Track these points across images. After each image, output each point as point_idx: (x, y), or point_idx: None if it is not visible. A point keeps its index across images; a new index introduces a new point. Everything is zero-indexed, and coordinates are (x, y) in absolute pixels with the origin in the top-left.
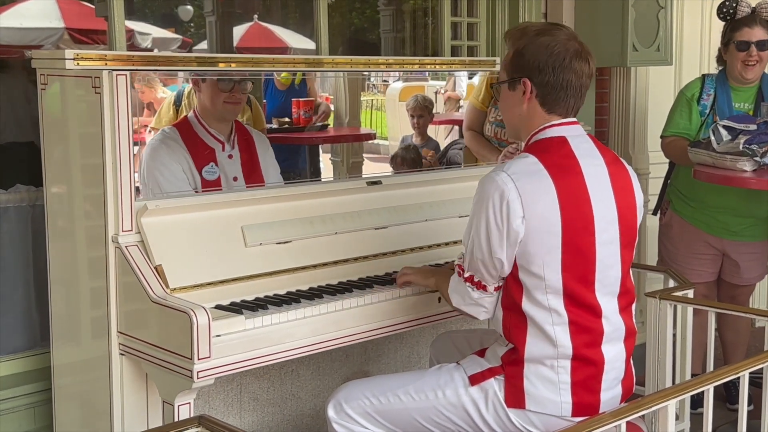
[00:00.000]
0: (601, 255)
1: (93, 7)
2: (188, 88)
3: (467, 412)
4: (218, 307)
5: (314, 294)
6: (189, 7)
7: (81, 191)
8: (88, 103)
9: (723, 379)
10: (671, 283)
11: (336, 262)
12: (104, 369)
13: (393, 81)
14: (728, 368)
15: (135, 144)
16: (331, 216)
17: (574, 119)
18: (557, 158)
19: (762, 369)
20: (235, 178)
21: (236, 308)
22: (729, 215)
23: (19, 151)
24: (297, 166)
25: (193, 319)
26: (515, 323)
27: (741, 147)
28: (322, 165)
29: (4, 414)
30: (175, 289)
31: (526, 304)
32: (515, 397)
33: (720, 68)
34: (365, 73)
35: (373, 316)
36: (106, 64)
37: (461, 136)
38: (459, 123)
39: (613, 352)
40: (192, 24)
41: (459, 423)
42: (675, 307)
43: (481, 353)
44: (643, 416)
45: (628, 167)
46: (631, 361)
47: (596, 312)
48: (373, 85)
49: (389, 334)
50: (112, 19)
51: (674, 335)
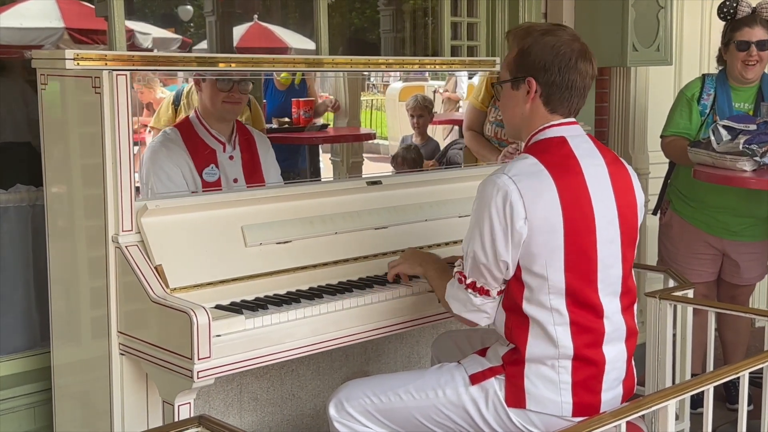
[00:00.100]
0: (602, 254)
1: (93, 7)
2: (187, 88)
3: (467, 411)
4: (218, 307)
5: (314, 294)
6: (189, 7)
7: (81, 191)
8: (88, 103)
9: (723, 379)
10: (671, 283)
11: (336, 262)
12: (104, 369)
13: (393, 81)
14: (728, 368)
15: (135, 144)
16: (331, 216)
17: (573, 119)
18: (557, 158)
19: (762, 369)
20: (235, 180)
21: (236, 308)
22: (729, 215)
23: (18, 151)
24: (297, 166)
25: (193, 319)
26: (517, 324)
27: (741, 147)
28: (322, 165)
29: (4, 414)
30: (175, 289)
31: (527, 305)
32: (516, 396)
33: (720, 68)
34: (365, 73)
35: (373, 316)
36: (106, 64)
37: (461, 136)
38: (459, 123)
39: (614, 353)
40: (192, 24)
41: (459, 422)
42: (675, 307)
43: (482, 353)
44: (643, 416)
45: (629, 167)
46: (633, 362)
47: (598, 312)
48: (373, 85)
49: (389, 334)
50: (112, 19)
51: (674, 335)
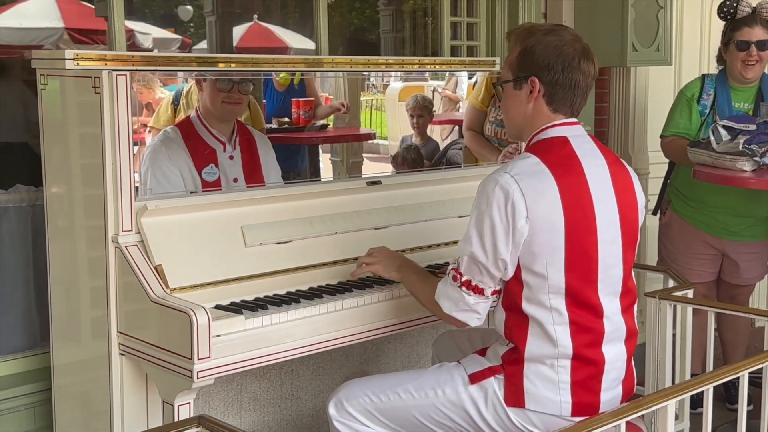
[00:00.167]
0: (603, 254)
1: (93, 7)
2: (187, 88)
3: (466, 410)
4: (218, 307)
5: (314, 294)
6: (189, 7)
7: (81, 191)
8: (87, 103)
9: (722, 379)
10: (671, 283)
11: (336, 262)
12: (104, 369)
13: (393, 81)
14: (728, 368)
15: (134, 144)
16: (330, 216)
17: (575, 120)
18: (559, 158)
19: (761, 369)
20: (235, 180)
21: (236, 308)
22: (728, 215)
23: (18, 151)
24: (297, 166)
25: (192, 319)
26: (516, 323)
27: (740, 147)
28: (321, 165)
29: (4, 414)
30: (175, 289)
31: (527, 305)
32: (515, 396)
33: (720, 68)
34: (365, 73)
35: (373, 316)
36: (105, 64)
37: (461, 136)
38: (459, 123)
39: (613, 353)
40: (192, 24)
41: (458, 421)
42: (675, 307)
43: (482, 352)
44: (642, 416)
45: (629, 168)
46: (632, 362)
47: (597, 312)
48: (373, 85)
49: (389, 334)
50: (111, 19)
51: (674, 335)
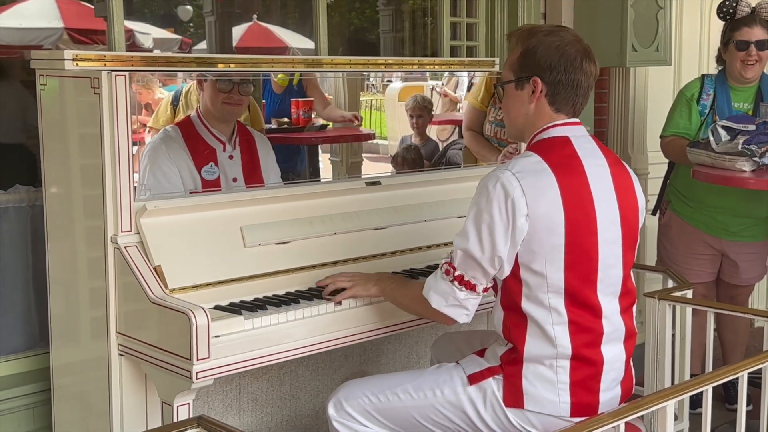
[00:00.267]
0: (603, 254)
1: (92, 7)
2: (186, 88)
3: (465, 411)
4: (217, 307)
5: (313, 294)
6: (188, 7)
7: (80, 192)
8: (87, 104)
9: (722, 379)
10: (670, 284)
11: (335, 263)
12: (103, 369)
13: (392, 81)
14: (727, 369)
15: (134, 144)
16: (330, 216)
17: (577, 120)
18: (560, 157)
19: (761, 369)
20: (234, 179)
21: (235, 309)
22: (728, 215)
23: (17, 152)
24: (296, 166)
25: (192, 319)
26: (515, 322)
27: (740, 147)
28: (321, 165)
29: (4, 414)
30: (174, 289)
31: (526, 303)
32: (514, 396)
33: (720, 68)
34: (364, 73)
35: (372, 316)
36: (105, 65)
37: (461, 136)
38: (458, 123)
39: (612, 353)
40: (191, 24)
41: (457, 422)
42: (674, 307)
43: (481, 353)
44: (642, 417)
45: (630, 169)
46: (631, 363)
47: (597, 312)
48: (373, 85)
49: (388, 335)
50: (111, 20)
51: (673, 335)
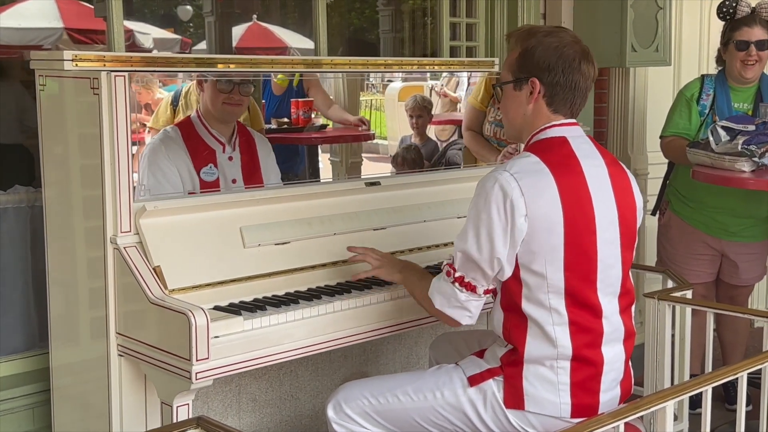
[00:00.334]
0: (602, 254)
1: (92, 7)
2: (186, 88)
3: (465, 413)
4: (217, 308)
5: (312, 295)
6: (188, 7)
7: (79, 192)
8: (86, 104)
9: (721, 380)
10: (670, 284)
11: (334, 263)
12: (103, 370)
13: (392, 81)
14: (726, 369)
15: (133, 144)
16: (329, 217)
17: (574, 120)
18: (558, 157)
19: (760, 369)
20: (234, 181)
21: (235, 309)
22: (727, 216)
23: (17, 152)
24: (296, 166)
25: (191, 320)
26: (515, 324)
27: (739, 147)
28: (321, 165)
29: (3, 415)
30: (173, 290)
31: (526, 304)
32: (514, 398)
33: (719, 68)
34: (364, 73)
35: (372, 317)
36: (104, 65)
37: (460, 136)
38: (458, 123)
39: (612, 353)
40: (191, 24)
41: (457, 424)
42: (674, 307)
43: (480, 354)
44: (641, 417)
45: (627, 170)
46: (630, 363)
47: (597, 312)
48: (372, 84)
49: (388, 335)
50: (110, 20)
51: (673, 336)
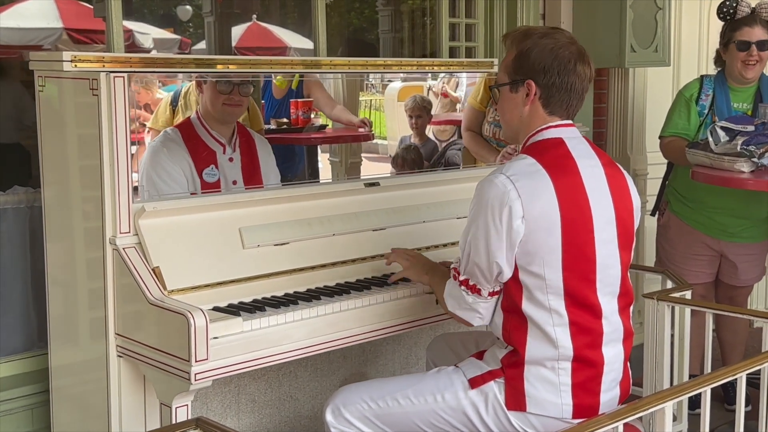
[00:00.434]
0: (601, 254)
1: (91, 7)
2: (185, 89)
3: (467, 415)
4: (216, 308)
5: (312, 296)
6: (188, 7)
7: (79, 193)
8: (85, 105)
9: (720, 380)
10: (669, 284)
11: (334, 264)
12: (102, 371)
13: (392, 81)
14: (726, 370)
15: (132, 144)
16: (328, 217)
17: (570, 121)
18: (555, 159)
19: (759, 370)
20: (234, 182)
21: (234, 310)
22: (727, 216)
23: (16, 152)
24: (295, 166)
25: (190, 321)
26: (515, 325)
27: (739, 148)
28: (320, 165)
29: (2, 415)
30: (172, 290)
31: (526, 306)
32: (516, 399)
33: (718, 70)
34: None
35: (371, 317)
36: (103, 66)
37: (460, 136)
38: (457, 123)
39: (612, 354)
40: (191, 24)
41: (459, 426)
42: (673, 308)
43: (479, 356)
44: (640, 418)
45: (623, 170)
46: (628, 364)
47: (596, 312)
48: (372, 84)
49: (387, 336)
50: (110, 21)
51: (672, 336)
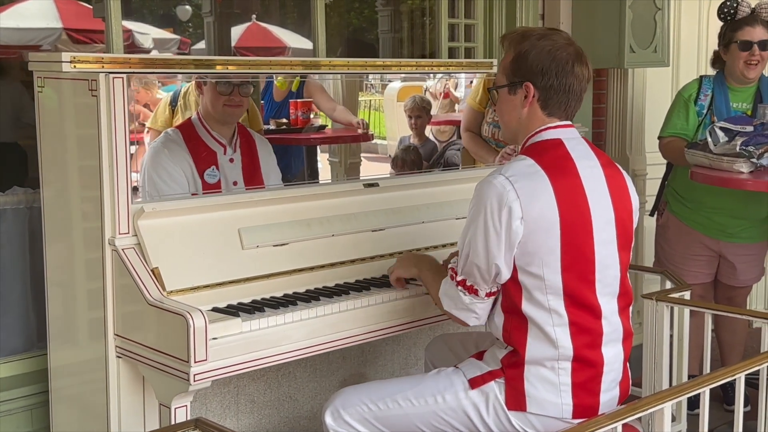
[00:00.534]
0: (600, 255)
1: (91, 7)
2: (185, 89)
3: (468, 416)
4: (215, 309)
5: (311, 296)
6: (187, 7)
7: (78, 193)
8: (84, 106)
9: (719, 381)
10: (668, 285)
11: (333, 264)
12: (101, 371)
13: (391, 81)
14: (725, 370)
15: (132, 144)
16: (328, 218)
17: (569, 122)
18: (554, 159)
19: (758, 370)
20: (235, 183)
21: (233, 311)
22: (726, 217)
23: (16, 152)
24: (294, 167)
25: (189, 321)
26: (515, 325)
27: (738, 148)
28: (320, 165)
29: (2, 416)
30: (171, 291)
31: (526, 306)
32: (516, 399)
33: (717, 70)
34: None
35: (370, 318)
36: (102, 67)
37: (459, 136)
38: (456, 124)
39: (611, 354)
40: (190, 24)
41: (459, 427)
42: (672, 308)
43: (479, 356)
44: (639, 418)
45: (622, 170)
46: (627, 364)
47: (596, 313)
48: (371, 85)
49: (386, 336)
50: (109, 21)
51: (671, 337)
